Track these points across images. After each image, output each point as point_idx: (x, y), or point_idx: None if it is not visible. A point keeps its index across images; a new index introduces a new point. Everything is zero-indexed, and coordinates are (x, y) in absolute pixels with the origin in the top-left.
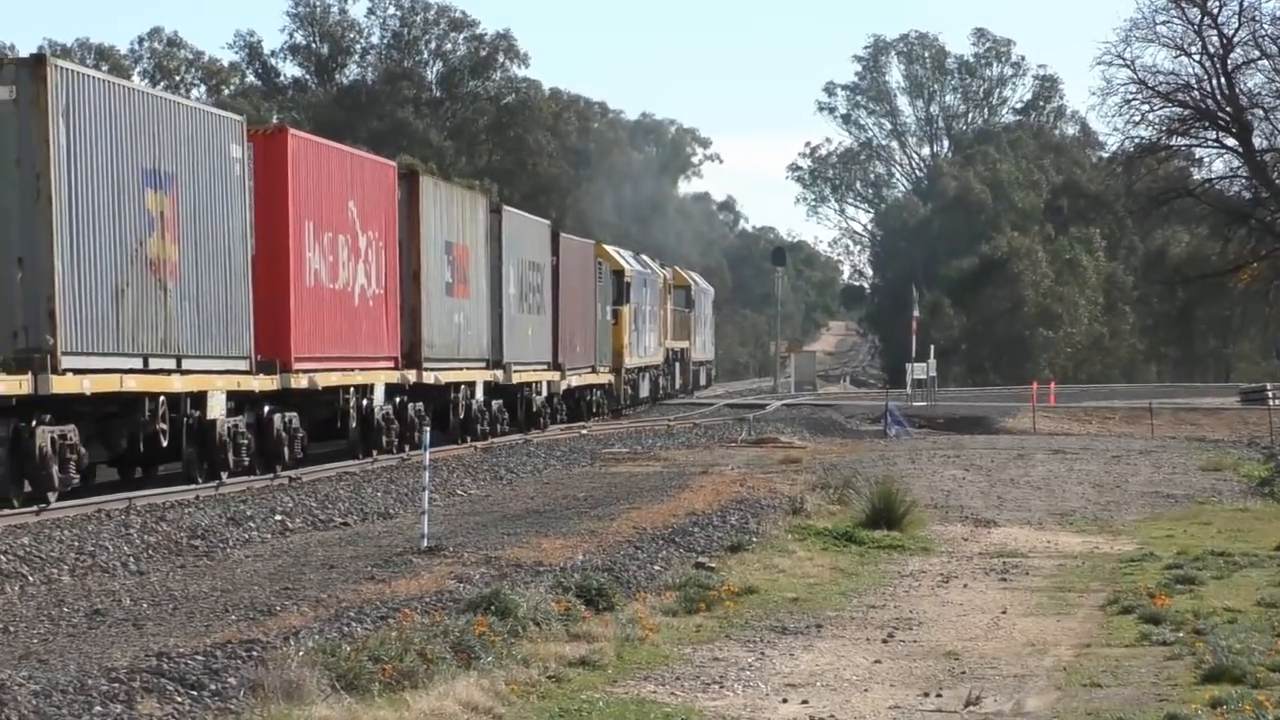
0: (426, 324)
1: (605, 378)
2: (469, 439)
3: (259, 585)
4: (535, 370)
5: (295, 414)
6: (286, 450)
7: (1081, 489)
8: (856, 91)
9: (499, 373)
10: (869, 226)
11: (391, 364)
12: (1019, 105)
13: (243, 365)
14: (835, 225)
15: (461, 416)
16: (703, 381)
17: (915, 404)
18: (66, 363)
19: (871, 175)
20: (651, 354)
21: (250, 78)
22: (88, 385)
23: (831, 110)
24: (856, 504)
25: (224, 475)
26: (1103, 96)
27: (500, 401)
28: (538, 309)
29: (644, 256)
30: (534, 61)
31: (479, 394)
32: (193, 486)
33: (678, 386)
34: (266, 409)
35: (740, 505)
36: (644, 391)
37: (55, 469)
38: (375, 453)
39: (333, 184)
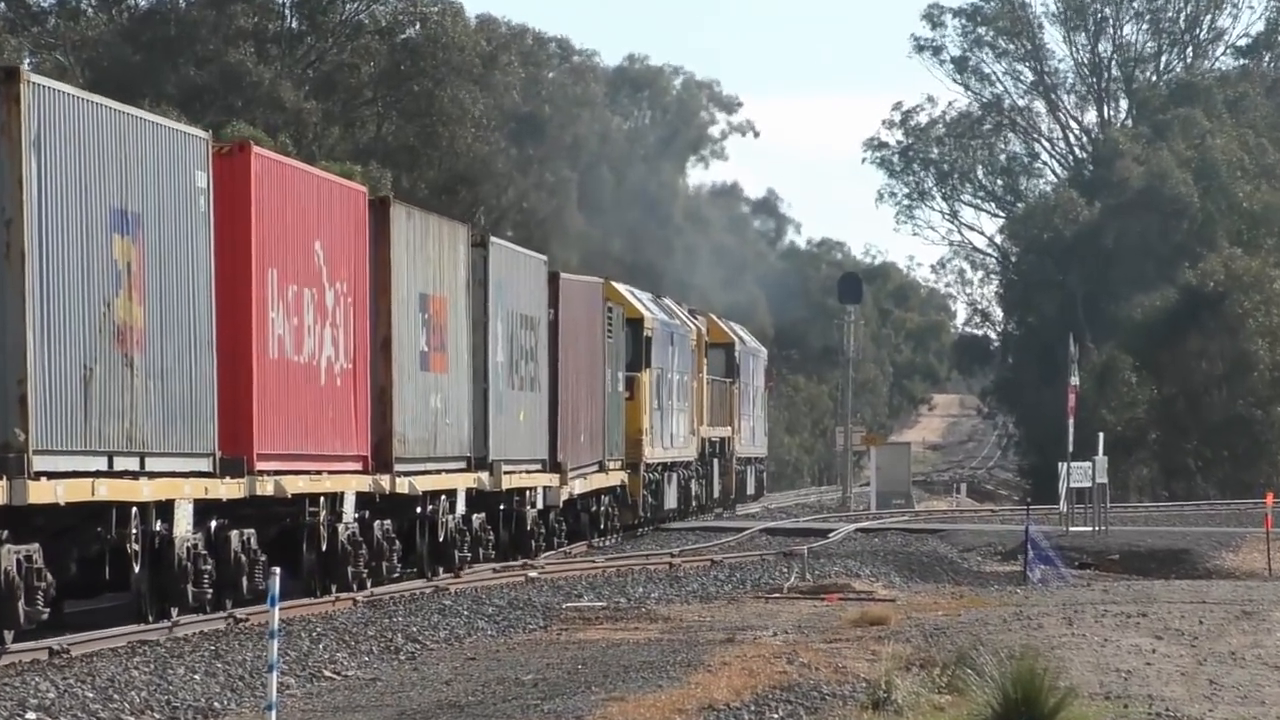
0: (399, 410)
1: (617, 477)
2: (441, 570)
3: None
4: (528, 471)
5: (254, 531)
6: (245, 580)
7: None
8: (977, 21)
9: (484, 475)
10: (998, 239)
11: (360, 465)
12: (1243, 43)
13: (205, 464)
14: (943, 238)
15: (441, 538)
16: (750, 489)
17: (1074, 529)
18: (38, 463)
19: (1001, 156)
20: (681, 444)
21: None
22: (61, 493)
23: (936, 52)
24: (978, 693)
25: (175, 612)
26: None
27: (483, 516)
28: (531, 383)
29: (668, 301)
30: None
31: (460, 506)
32: (135, 629)
33: (717, 494)
34: (215, 523)
35: (788, 694)
36: (670, 500)
37: (22, 601)
38: (336, 588)
39: (298, 219)
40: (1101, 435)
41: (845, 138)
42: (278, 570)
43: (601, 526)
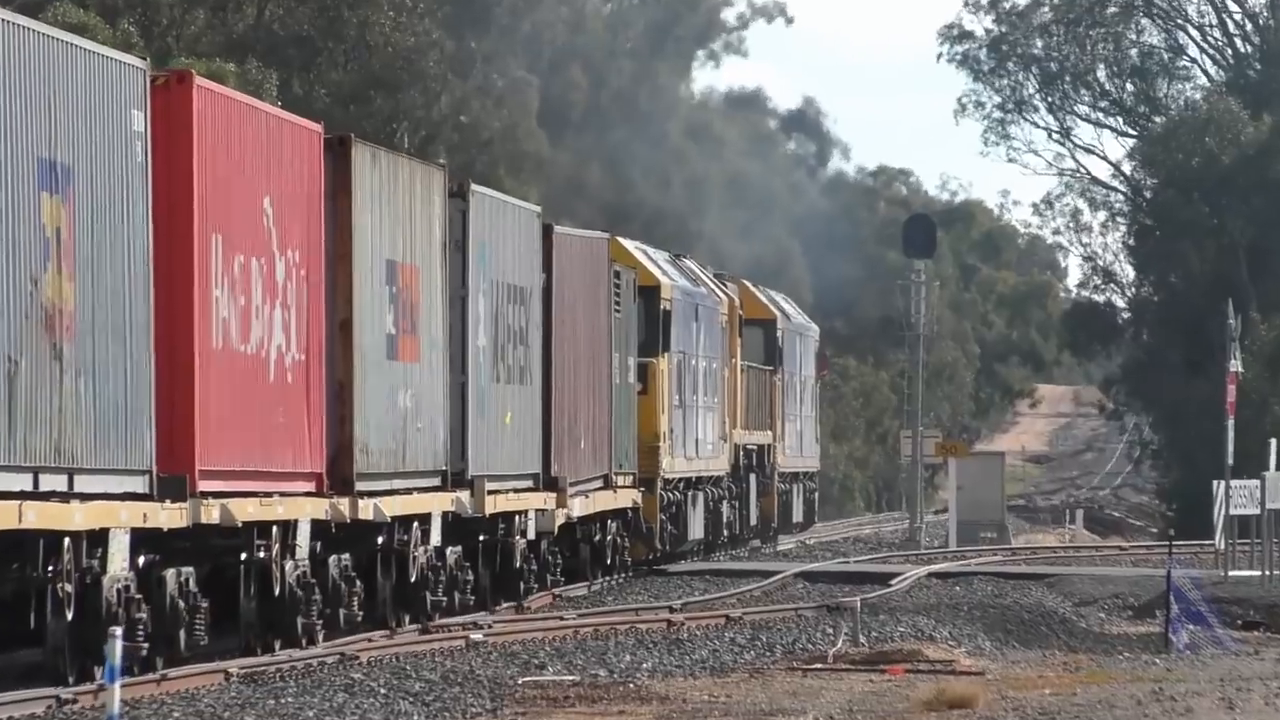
0: (360, 412)
1: (627, 497)
2: (408, 618)
3: None
4: (516, 490)
5: (192, 569)
6: (184, 633)
7: None
8: None
9: (463, 495)
10: (1127, 167)
11: (313, 484)
12: None
13: (141, 484)
14: (1049, 165)
15: (412, 577)
16: (798, 514)
17: (1235, 573)
18: None
19: (1132, 52)
20: (708, 454)
21: None
22: None
23: None
24: None
25: (99, 672)
26: None
27: (459, 549)
28: (520, 374)
29: (689, 262)
30: None
31: (435, 536)
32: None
33: (754, 521)
34: (144, 558)
35: None
36: (695, 528)
37: None
38: (279, 643)
39: (246, 168)
40: (1274, 442)
41: (912, 27)
42: (119, 630)
43: (608, 561)
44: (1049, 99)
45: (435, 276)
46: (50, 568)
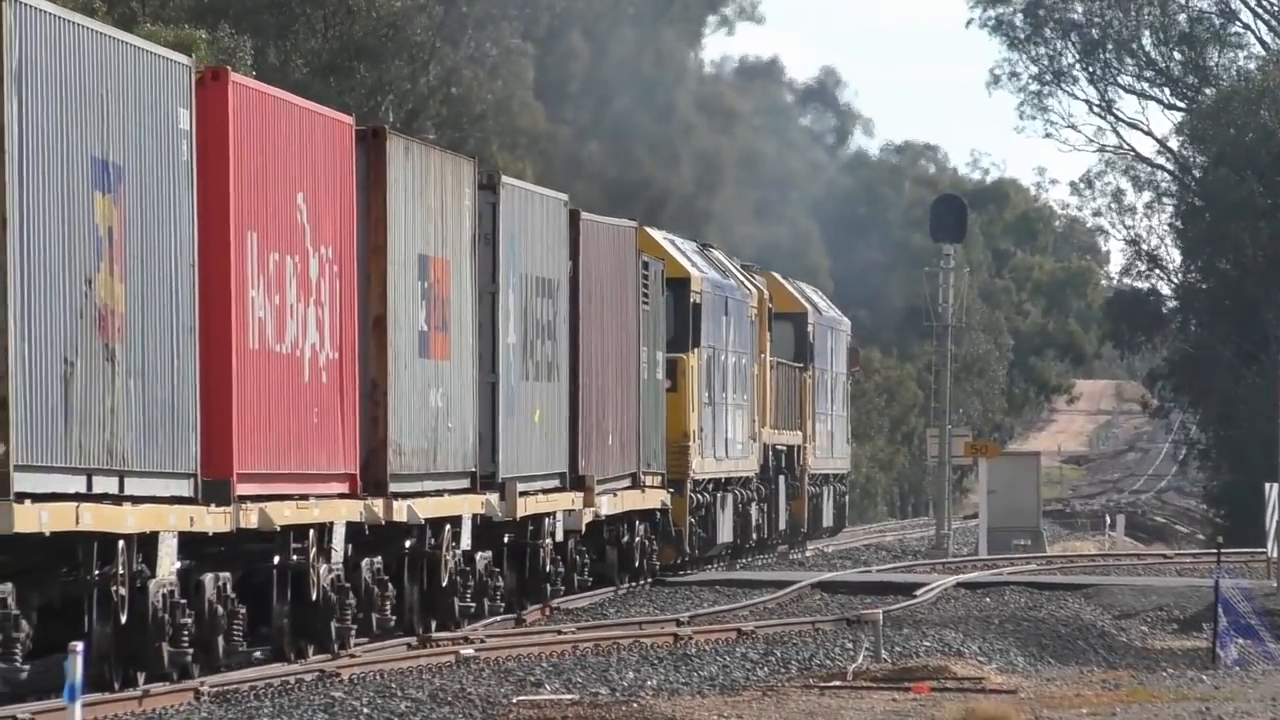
0: (394, 411)
1: (656, 498)
2: (435, 624)
3: None
4: (545, 491)
5: (229, 574)
6: (222, 639)
7: None
8: None
9: (493, 498)
10: (1175, 144)
11: (347, 486)
12: None
13: (186, 488)
14: (1090, 141)
15: (443, 581)
16: (828, 518)
17: None
18: (19, 482)
19: (1180, 17)
20: (738, 454)
21: None
22: (47, 520)
23: None
24: None
25: (142, 679)
26: None
27: (489, 553)
28: (549, 370)
29: (716, 253)
30: None
31: (465, 539)
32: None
33: (783, 525)
34: (181, 563)
35: None
36: (724, 531)
37: None
38: (312, 649)
39: (279, 165)
40: None
41: None
42: (80, 646)
43: (636, 565)
44: (1090, 69)
45: (465, 271)
46: (98, 572)
